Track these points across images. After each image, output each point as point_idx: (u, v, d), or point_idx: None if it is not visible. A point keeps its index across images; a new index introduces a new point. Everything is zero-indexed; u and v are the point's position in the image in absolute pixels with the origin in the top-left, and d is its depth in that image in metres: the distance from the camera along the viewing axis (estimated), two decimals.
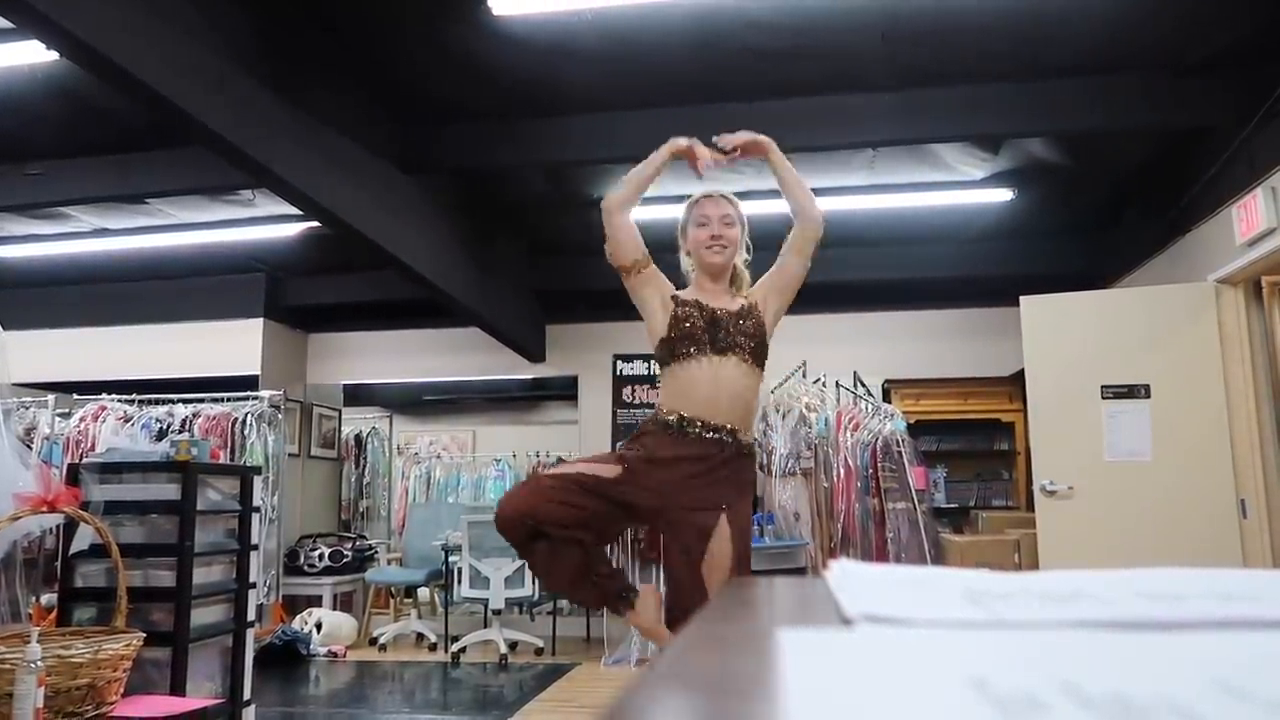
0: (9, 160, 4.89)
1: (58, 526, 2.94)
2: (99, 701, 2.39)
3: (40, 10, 2.57)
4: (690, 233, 2.65)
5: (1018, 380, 5.97)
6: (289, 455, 7.05)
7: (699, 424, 2.42)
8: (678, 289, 2.67)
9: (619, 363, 7.20)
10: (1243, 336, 4.52)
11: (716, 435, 2.43)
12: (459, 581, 6.24)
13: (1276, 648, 0.33)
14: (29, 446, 5.87)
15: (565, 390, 7.76)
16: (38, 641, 2.18)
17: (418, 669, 6.01)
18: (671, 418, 2.45)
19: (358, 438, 8.86)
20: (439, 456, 9.39)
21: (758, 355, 2.51)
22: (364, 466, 8.85)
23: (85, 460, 3.63)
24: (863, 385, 6.34)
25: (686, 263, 2.70)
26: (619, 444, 2.61)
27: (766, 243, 6.41)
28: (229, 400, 6.57)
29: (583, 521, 2.37)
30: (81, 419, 6.40)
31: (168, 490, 3.25)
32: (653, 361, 7.17)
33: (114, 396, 6.59)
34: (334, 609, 6.87)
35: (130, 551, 3.00)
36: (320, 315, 7.60)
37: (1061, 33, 3.77)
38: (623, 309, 2.81)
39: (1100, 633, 0.36)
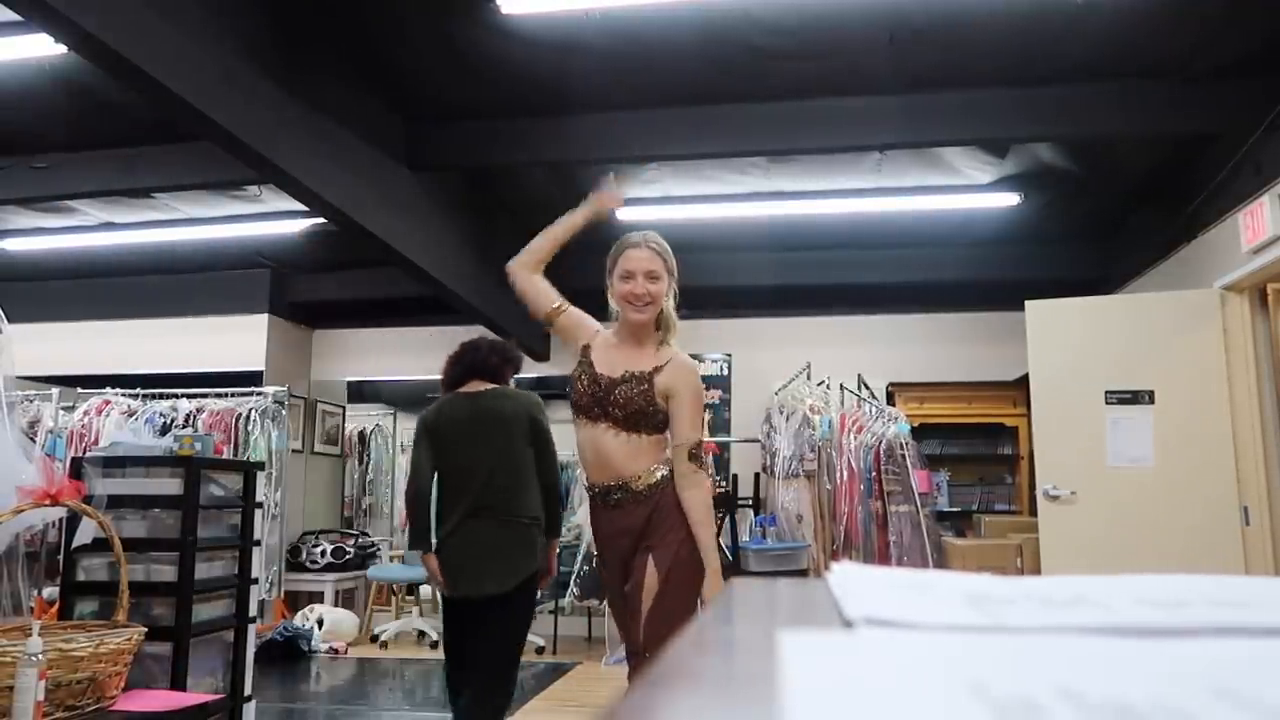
0: (16, 153, 4.90)
1: (60, 520, 2.94)
2: (99, 695, 2.40)
3: (50, 4, 2.58)
4: (614, 283, 2.58)
5: (1022, 385, 5.96)
6: (292, 451, 7.06)
7: (597, 488, 2.54)
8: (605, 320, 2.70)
9: None
10: (1247, 343, 4.51)
11: (613, 495, 2.51)
12: None
13: (1277, 655, 0.33)
14: (33, 439, 5.88)
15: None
16: (39, 635, 2.18)
17: (419, 666, 6.01)
18: (586, 484, 2.63)
19: (361, 434, 8.85)
20: None
21: (631, 424, 2.48)
22: (367, 463, 8.85)
23: (88, 454, 3.64)
24: (867, 388, 6.34)
25: (613, 304, 2.64)
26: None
27: (800, 244, 6.39)
28: (233, 396, 6.58)
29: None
30: (85, 413, 6.41)
31: (170, 485, 3.25)
32: None
33: (118, 390, 6.60)
34: (336, 605, 6.88)
35: (132, 546, 3.00)
36: (325, 312, 7.61)
37: (1070, 37, 3.76)
38: None
39: (1100, 638, 0.36)
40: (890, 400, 6.68)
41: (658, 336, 2.60)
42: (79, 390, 6.72)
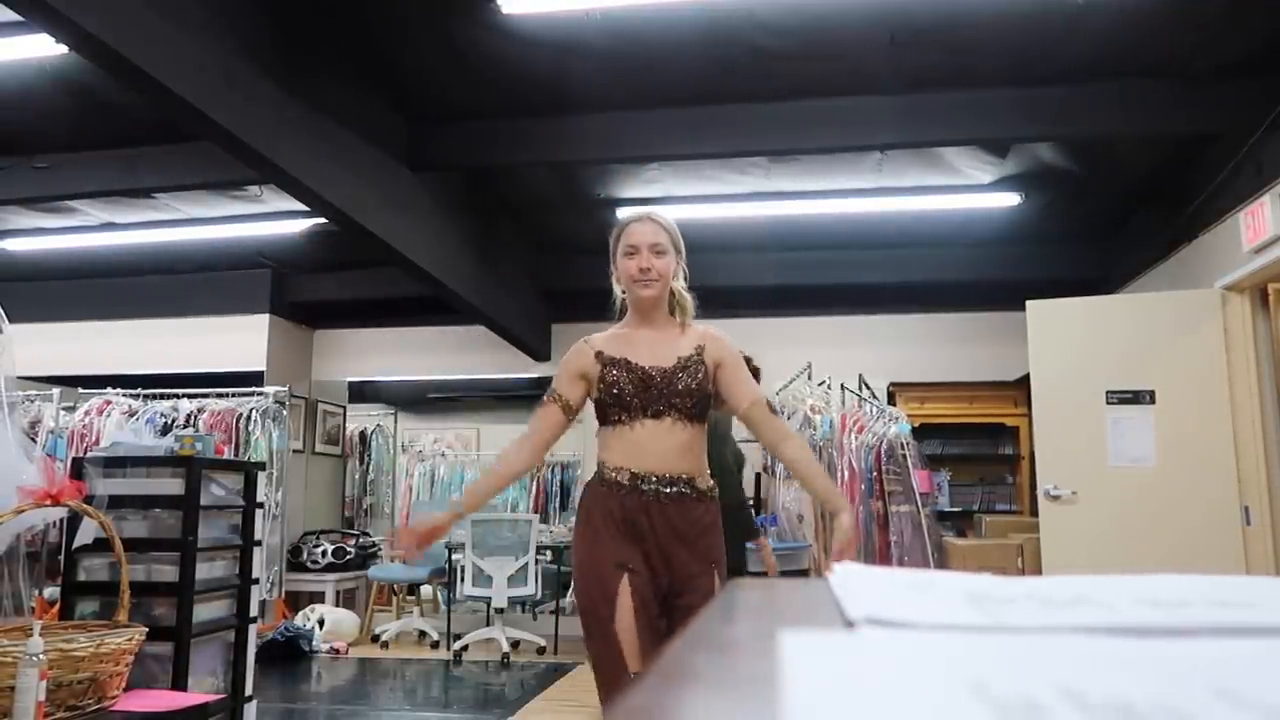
0: (16, 153, 4.90)
1: (61, 520, 2.94)
2: (100, 695, 2.40)
3: (50, 4, 2.58)
4: (619, 262, 2.43)
5: (1023, 385, 5.96)
6: (293, 451, 7.06)
7: (653, 478, 2.29)
8: (613, 317, 2.53)
9: None
10: (1248, 343, 4.51)
11: (674, 489, 2.31)
12: (461, 579, 6.25)
13: (1277, 655, 0.33)
14: (33, 440, 5.88)
15: None
16: (40, 635, 2.18)
17: (419, 667, 6.01)
18: (623, 477, 2.31)
19: (362, 434, 8.87)
20: (443, 454, 9.39)
21: (696, 414, 2.35)
22: (368, 463, 8.86)
23: (89, 454, 3.63)
24: (868, 388, 6.33)
25: (618, 289, 2.50)
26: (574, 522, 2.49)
27: (800, 244, 6.40)
28: (234, 396, 6.58)
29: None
30: (86, 413, 6.41)
31: (171, 485, 3.25)
32: None
33: (119, 391, 6.60)
34: (336, 605, 6.88)
35: (133, 546, 3.00)
36: (326, 312, 7.61)
37: (1071, 37, 3.76)
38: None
39: (1101, 638, 0.36)
40: (891, 400, 6.68)
41: (675, 320, 2.48)
42: (80, 390, 6.72)
